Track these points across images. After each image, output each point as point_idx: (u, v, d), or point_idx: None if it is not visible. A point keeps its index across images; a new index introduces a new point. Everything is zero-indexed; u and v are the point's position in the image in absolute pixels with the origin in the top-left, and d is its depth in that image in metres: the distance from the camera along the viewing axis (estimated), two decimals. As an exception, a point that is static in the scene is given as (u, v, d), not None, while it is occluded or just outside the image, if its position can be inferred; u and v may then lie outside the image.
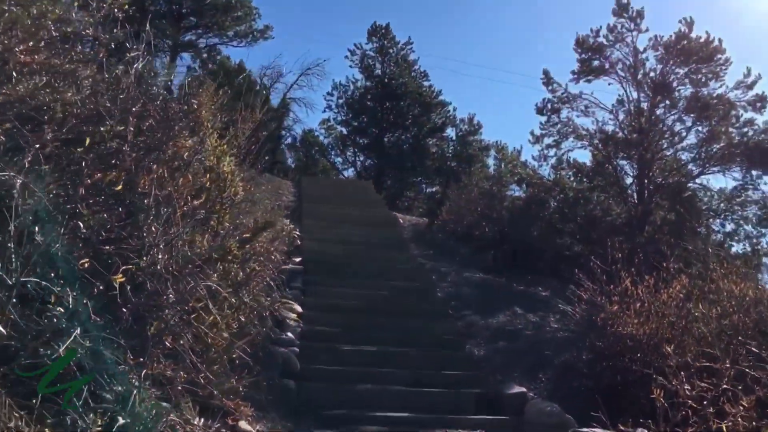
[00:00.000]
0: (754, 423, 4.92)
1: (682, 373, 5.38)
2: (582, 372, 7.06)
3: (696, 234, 17.23)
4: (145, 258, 4.22)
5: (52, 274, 3.43)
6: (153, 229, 4.34)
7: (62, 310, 3.23)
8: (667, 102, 17.29)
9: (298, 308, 8.26)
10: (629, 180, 18.15)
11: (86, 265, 3.61)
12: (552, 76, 18.11)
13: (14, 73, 4.50)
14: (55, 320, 3.21)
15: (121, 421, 3.29)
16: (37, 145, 4.14)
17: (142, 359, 3.78)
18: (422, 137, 26.56)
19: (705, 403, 5.08)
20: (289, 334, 7.41)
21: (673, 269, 7.74)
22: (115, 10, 5.56)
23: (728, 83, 16.59)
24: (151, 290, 4.01)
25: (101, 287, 3.71)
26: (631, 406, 6.52)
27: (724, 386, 5.19)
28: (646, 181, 17.36)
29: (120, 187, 4.45)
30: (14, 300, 3.18)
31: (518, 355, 8.14)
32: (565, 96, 18.11)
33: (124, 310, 3.88)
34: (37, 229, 3.57)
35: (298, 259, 10.36)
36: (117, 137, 4.77)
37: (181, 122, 5.61)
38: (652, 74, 17.52)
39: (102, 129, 4.71)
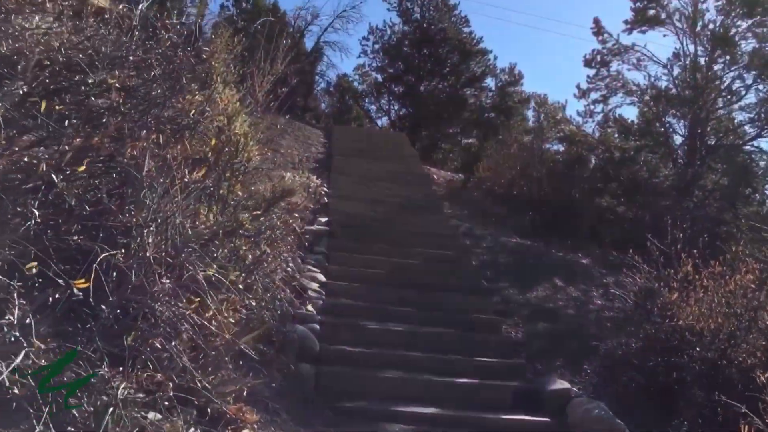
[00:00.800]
0: None
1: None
2: (632, 365, 6.31)
3: (749, 200, 16.18)
4: (133, 242, 3.56)
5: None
6: (143, 205, 3.64)
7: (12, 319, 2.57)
8: (728, 57, 16.00)
9: (322, 277, 7.61)
10: (679, 140, 17.08)
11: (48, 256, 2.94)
12: (603, 25, 16.94)
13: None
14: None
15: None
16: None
17: (122, 368, 3.14)
18: (460, 87, 25.37)
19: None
20: (310, 307, 6.77)
21: (741, 253, 6.83)
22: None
23: (797, 38, 15.30)
24: (136, 283, 3.34)
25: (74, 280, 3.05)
26: (687, 409, 5.81)
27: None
28: (698, 142, 16.26)
29: (107, 151, 3.78)
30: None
31: (559, 340, 7.41)
32: (616, 47, 16.96)
33: (104, 307, 3.22)
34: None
35: (324, 220, 9.68)
36: (108, 91, 4.07)
37: (189, 74, 4.88)
38: (711, 26, 16.24)
39: (90, 81, 4.00)
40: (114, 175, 4.08)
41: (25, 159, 3.43)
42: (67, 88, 4.08)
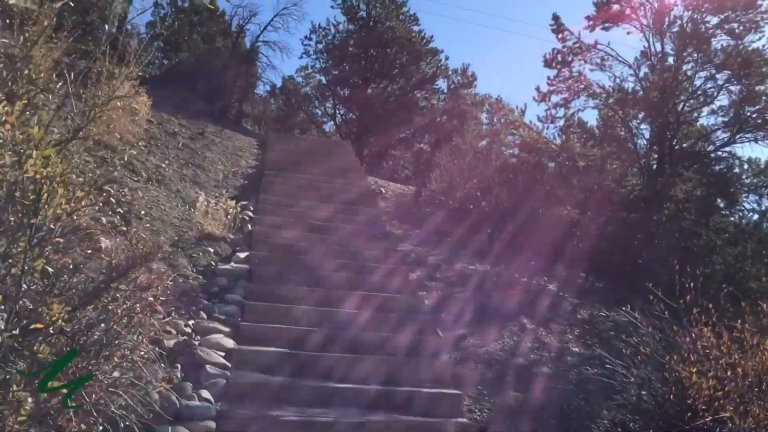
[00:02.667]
0: None
1: None
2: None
3: (726, 212, 14.97)
4: None
5: None
6: None
7: None
8: (698, 55, 14.72)
9: (229, 342, 5.84)
10: (646, 146, 15.76)
11: None
12: (563, 22, 15.51)
13: None
14: None
15: None
16: None
17: None
18: (410, 89, 23.78)
19: None
20: (205, 393, 5.00)
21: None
22: None
23: (772, 36, 14.12)
24: None
25: None
26: None
27: None
28: (667, 148, 14.96)
29: None
30: None
31: (537, 419, 5.79)
32: (577, 46, 15.56)
33: None
34: None
35: (243, 256, 7.90)
36: None
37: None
38: (679, 22, 14.96)
39: None
40: None
41: None
42: None
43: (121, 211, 8.15)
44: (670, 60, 14.96)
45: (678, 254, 13.50)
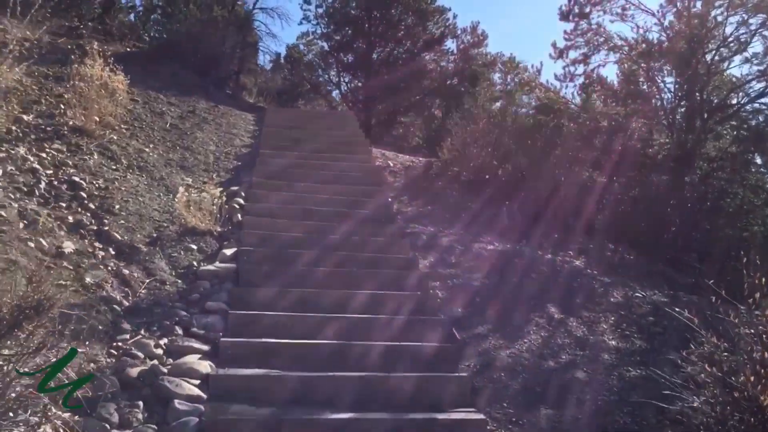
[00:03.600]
0: None
1: None
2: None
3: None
4: None
5: None
6: None
7: None
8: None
9: (205, 366, 4.93)
10: (672, 102, 14.56)
11: None
12: (580, -31, 14.23)
13: None
14: None
15: None
16: None
17: None
18: (418, 51, 22.50)
19: None
20: (173, 438, 4.12)
21: None
22: None
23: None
24: None
25: None
26: None
27: None
28: (697, 103, 13.76)
29: None
30: None
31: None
32: (596, -5, 14.26)
33: None
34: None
35: (230, 253, 6.96)
36: None
37: None
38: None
39: None
40: None
41: None
42: None
43: (92, 207, 7.24)
44: (698, 5, 13.66)
45: (711, 217, 12.50)
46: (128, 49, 16.08)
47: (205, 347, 5.20)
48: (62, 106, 9.72)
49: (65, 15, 16.51)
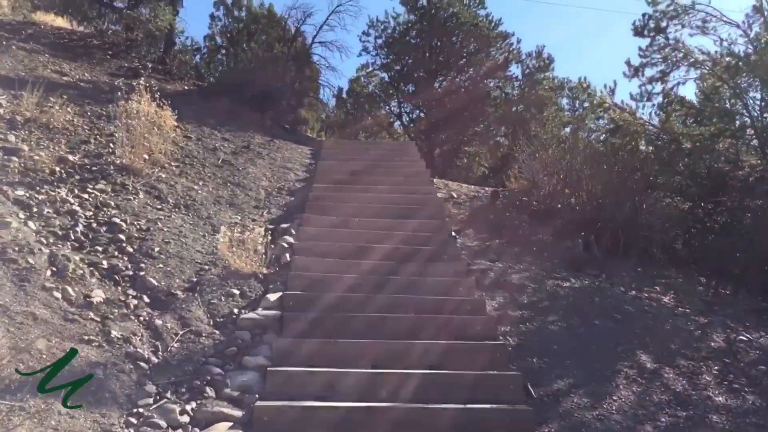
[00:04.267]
0: None
1: None
2: None
3: None
4: None
5: None
6: None
7: None
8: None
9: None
10: (762, 119, 13.24)
11: None
12: (652, -18, 13.21)
13: None
14: None
15: None
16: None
17: None
18: (481, 79, 21.74)
19: None
20: None
21: None
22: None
23: None
24: None
25: None
26: None
27: None
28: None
29: None
30: None
31: None
32: (672, 9, 13.17)
33: None
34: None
35: (274, 298, 6.28)
36: None
37: None
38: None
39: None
40: None
41: None
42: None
43: (130, 250, 6.72)
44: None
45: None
46: (186, 87, 15.96)
47: (238, 413, 4.50)
48: (111, 146, 9.42)
49: (125, 56, 16.64)
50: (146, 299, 5.98)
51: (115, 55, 16.41)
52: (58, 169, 8.23)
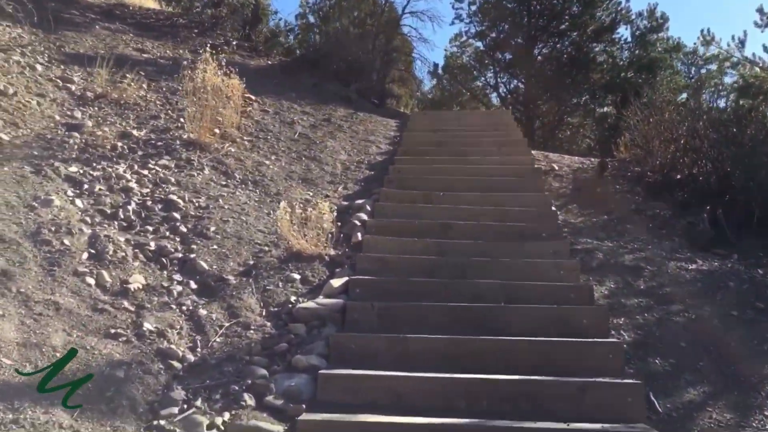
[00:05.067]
0: None
1: None
2: None
3: None
4: None
5: None
6: None
7: None
8: None
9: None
10: None
11: None
12: None
13: None
14: None
15: None
16: None
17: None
18: (585, 43, 20.02)
19: None
20: None
21: None
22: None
23: None
24: None
25: None
26: None
27: None
28: None
29: None
30: None
31: None
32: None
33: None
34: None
35: (339, 284, 5.37)
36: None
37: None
38: None
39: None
40: None
41: None
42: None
43: (184, 230, 6.01)
44: None
45: None
46: (269, 63, 15.37)
47: (278, 428, 3.63)
48: (181, 120, 8.84)
49: (211, 34, 16.27)
50: (193, 285, 5.24)
51: (201, 33, 16.07)
52: (120, 144, 7.68)
